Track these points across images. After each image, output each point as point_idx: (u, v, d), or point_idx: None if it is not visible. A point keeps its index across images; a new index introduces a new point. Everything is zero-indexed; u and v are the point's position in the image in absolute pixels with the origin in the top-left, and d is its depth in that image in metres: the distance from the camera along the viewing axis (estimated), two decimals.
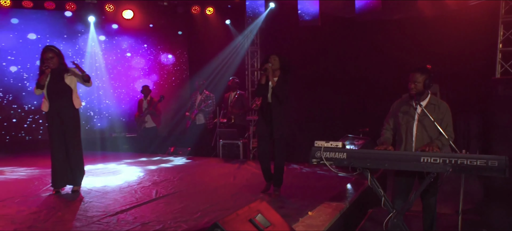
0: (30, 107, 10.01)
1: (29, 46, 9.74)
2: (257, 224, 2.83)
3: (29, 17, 9.65)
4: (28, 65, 9.84)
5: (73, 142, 5.12)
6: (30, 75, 9.80)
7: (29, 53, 9.69)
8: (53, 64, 4.94)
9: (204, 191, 5.36)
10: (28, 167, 7.18)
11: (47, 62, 4.90)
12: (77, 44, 10.26)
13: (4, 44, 9.54)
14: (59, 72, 4.99)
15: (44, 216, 4.16)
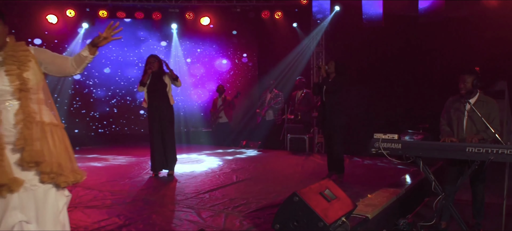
0: (123, 103, 11.49)
1: (119, 50, 11.20)
2: (326, 196, 3.58)
3: (120, 25, 11.02)
4: (119, 71, 11.34)
5: (169, 133, 6.14)
6: (122, 76, 11.28)
7: (123, 56, 11.19)
8: (154, 68, 5.98)
9: (276, 177, 6.18)
10: (126, 155, 8.44)
11: (149, 65, 5.96)
12: (161, 48, 11.55)
13: (106, 50, 11.08)
14: (158, 75, 6.03)
15: (152, 191, 5.21)
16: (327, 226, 3.29)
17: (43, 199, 2.39)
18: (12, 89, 2.34)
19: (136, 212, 4.24)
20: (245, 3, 10.69)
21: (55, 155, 2.40)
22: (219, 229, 3.67)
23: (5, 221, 2.31)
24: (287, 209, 3.44)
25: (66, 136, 2.54)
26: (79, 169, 2.56)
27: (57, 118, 2.56)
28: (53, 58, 2.57)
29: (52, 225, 2.42)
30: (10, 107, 2.35)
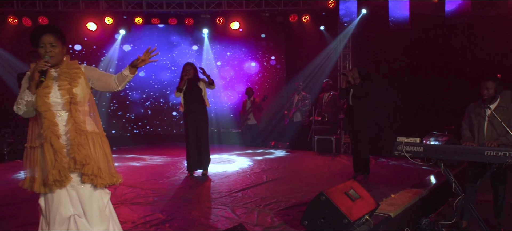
0: (157, 105, 12.04)
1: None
2: (350, 195, 3.89)
3: (154, 31, 11.65)
4: (153, 75, 11.90)
5: (203, 136, 6.56)
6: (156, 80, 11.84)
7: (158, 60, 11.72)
8: (190, 75, 6.40)
9: (304, 177, 6.50)
10: (161, 155, 8.93)
11: (186, 72, 6.39)
12: (192, 52, 12.03)
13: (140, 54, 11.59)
14: (194, 81, 6.45)
15: (189, 190, 5.63)
16: (351, 223, 3.61)
17: (89, 196, 2.79)
18: (63, 102, 2.75)
19: (176, 208, 4.66)
20: (274, 8, 10.98)
21: (95, 159, 2.79)
22: (253, 225, 4.03)
23: (60, 213, 2.72)
24: (314, 207, 3.77)
25: (106, 143, 2.92)
26: (116, 172, 2.94)
27: (99, 127, 2.95)
28: (100, 75, 2.97)
29: (99, 219, 2.81)
30: (61, 117, 2.76)
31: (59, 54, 2.78)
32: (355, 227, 3.76)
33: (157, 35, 11.76)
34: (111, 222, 2.91)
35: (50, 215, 2.72)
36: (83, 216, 2.77)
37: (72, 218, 2.74)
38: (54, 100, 2.72)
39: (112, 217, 2.94)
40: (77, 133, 2.71)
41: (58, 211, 2.70)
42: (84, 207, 2.77)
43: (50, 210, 2.72)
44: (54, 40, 2.74)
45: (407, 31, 9.52)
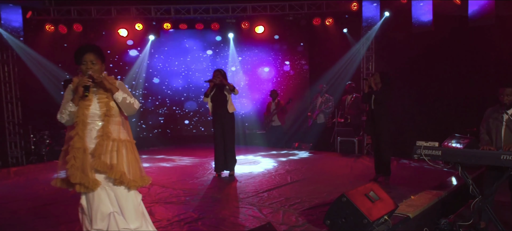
0: (183, 110, 12.50)
1: (186, 59, 12.26)
2: (370, 197, 4.15)
3: (183, 35, 12.10)
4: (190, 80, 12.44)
5: (230, 138, 6.90)
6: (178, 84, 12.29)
7: (186, 64, 12.24)
8: (217, 81, 6.75)
9: (327, 178, 6.76)
10: (189, 156, 9.33)
11: (214, 78, 6.74)
12: (219, 56, 12.42)
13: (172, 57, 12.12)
14: (221, 87, 6.79)
15: (218, 190, 5.98)
16: (370, 223, 3.87)
17: (125, 196, 3.15)
18: (100, 113, 3.13)
19: (207, 208, 5.01)
20: (297, 11, 11.22)
21: (126, 164, 3.14)
22: (278, 223, 4.33)
23: (101, 211, 3.08)
24: (336, 208, 4.05)
25: (136, 149, 3.28)
26: (146, 175, 3.29)
27: (130, 135, 3.30)
28: (126, 92, 3.28)
29: (134, 216, 3.18)
30: (96, 126, 3.12)
31: (98, 71, 3.15)
32: (375, 227, 4.01)
33: (186, 40, 12.24)
34: (143, 220, 3.27)
35: (92, 213, 3.08)
36: (120, 213, 3.13)
37: (111, 214, 3.09)
38: (93, 111, 3.10)
39: (144, 215, 3.31)
40: (102, 141, 3.05)
41: (99, 209, 3.06)
42: (121, 206, 3.13)
43: (92, 208, 3.08)
44: (94, 58, 3.12)
45: (430, 33, 9.60)
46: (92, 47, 3.18)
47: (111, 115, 3.13)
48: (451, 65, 9.73)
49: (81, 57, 3.11)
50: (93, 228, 3.06)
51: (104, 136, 3.07)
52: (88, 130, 3.09)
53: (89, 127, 3.10)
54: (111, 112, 3.13)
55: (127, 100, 3.16)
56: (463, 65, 9.58)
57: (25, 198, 5.95)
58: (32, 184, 6.97)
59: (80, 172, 2.99)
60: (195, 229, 4.24)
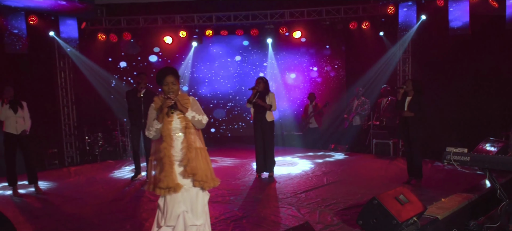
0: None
1: (214, 64, 12.86)
2: (400, 200, 4.52)
3: (223, 41, 12.71)
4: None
5: (269, 142, 7.39)
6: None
7: (215, 70, 12.86)
8: (260, 88, 7.24)
9: (362, 180, 7.12)
10: (230, 157, 9.89)
11: (257, 86, 7.23)
12: (258, 60, 12.95)
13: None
14: (263, 94, 7.27)
15: (259, 190, 6.50)
16: (399, 224, 4.25)
17: (196, 196, 3.68)
18: (181, 127, 3.68)
19: (249, 207, 5.52)
20: (334, 16, 11.51)
21: (203, 168, 3.67)
22: (315, 223, 4.78)
23: (175, 210, 3.61)
24: (368, 209, 4.45)
25: (208, 155, 3.80)
26: (216, 177, 3.81)
27: (202, 143, 3.82)
28: (195, 108, 3.80)
29: (201, 214, 3.71)
30: (179, 138, 3.67)
31: (177, 90, 3.71)
32: (404, 227, 4.39)
33: (227, 44, 12.86)
34: (206, 218, 3.80)
35: (167, 211, 3.61)
36: (190, 211, 3.66)
37: (182, 213, 3.63)
38: (174, 126, 3.66)
39: (206, 213, 3.83)
40: (189, 150, 3.60)
41: (173, 209, 3.60)
42: (192, 205, 3.67)
43: (168, 207, 3.62)
44: (173, 80, 3.67)
45: (467, 36, 9.68)
46: (172, 70, 3.73)
47: (190, 127, 3.68)
48: (488, 68, 9.76)
49: (163, 79, 3.66)
50: (166, 225, 3.61)
51: (188, 146, 3.62)
52: (172, 142, 3.66)
53: (173, 138, 3.68)
54: (189, 126, 3.68)
55: (196, 118, 3.69)
56: (501, 67, 9.61)
57: (87, 195, 6.69)
58: (91, 182, 7.74)
59: (169, 176, 3.55)
60: (240, 227, 4.76)
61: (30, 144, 7.20)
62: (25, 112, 7.02)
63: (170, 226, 3.59)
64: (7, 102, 6.81)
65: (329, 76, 12.88)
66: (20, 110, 6.93)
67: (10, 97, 6.85)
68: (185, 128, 3.68)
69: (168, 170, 3.56)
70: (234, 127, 13.33)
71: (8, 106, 6.80)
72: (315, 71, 12.98)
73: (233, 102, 13.26)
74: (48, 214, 5.72)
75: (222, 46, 13.07)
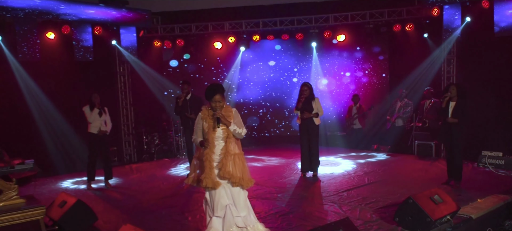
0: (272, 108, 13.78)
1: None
2: (434, 199, 4.94)
3: (270, 46, 13.34)
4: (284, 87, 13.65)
5: (314, 143, 7.91)
6: None
7: (273, 71, 13.47)
8: (306, 94, 7.76)
9: (402, 180, 7.49)
10: (276, 157, 10.49)
11: (302, 93, 7.76)
12: (303, 63, 13.44)
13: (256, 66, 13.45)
14: (309, 100, 7.79)
15: (304, 189, 7.06)
16: (432, 221, 4.68)
17: (238, 193, 4.40)
18: (223, 136, 4.38)
19: (296, 203, 6.09)
20: (378, 19, 11.76)
21: (240, 171, 4.36)
22: (355, 219, 5.28)
23: (221, 203, 4.35)
24: (404, 208, 4.90)
25: (245, 159, 4.49)
26: (251, 178, 4.49)
27: (240, 148, 4.51)
28: (237, 122, 4.47)
29: (243, 207, 4.43)
30: (219, 145, 4.38)
31: (222, 106, 4.39)
32: (437, 225, 4.81)
33: (273, 49, 13.47)
34: (249, 210, 4.53)
35: (214, 204, 4.37)
36: (233, 205, 4.38)
37: (228, 206, 4.36)
38: (217, 135, 4.38)
39: (249, 207, 4.56)
40: (225, 157, 4.31)
41: (219, 202, 4.35)
42: (235, 199, 4.39)
43: (214, 201, 4.37)
44: (220, 97, 4.36)
45: None
46: (219, 89, 4.40)
47: (230, 137, 4.39)
48: None
49: (211, 97, 4.36)
50: (214, 215, 4.37)
51: (226, 153, 4.33)
52: (214, 148, 4.37)
53: (215, 145, 4.38)
54: (230, 136, 4.39)
55: (237, 131, 4.40)
56: None
57: (150, 190, 7.51)
58: (152, 179, 8.58)
59: (209, 177, 4.29)
60: (287, 221, 5.33)
61: (109, 145, 8.23)
62: (107, 117, 7.96)
63: (218, 216, 4.35)
64: (98, 107, 7.73)
65: (372, 78, 13.12)
66: (104, 114, 7.86)
67: (98, 103, 7.77)
68: (226, 137, 4.39)
69: (208, 172, 4.31)
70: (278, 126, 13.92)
71: (97, 111, 7.72)
72: (358, 73, 13.26)
73: (268, 108, 13.88)
74: (120, 206, 6.55)
75: (260, 51, 13.64)
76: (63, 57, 10.52)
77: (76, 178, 8.98)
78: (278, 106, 13.82)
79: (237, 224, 4.36)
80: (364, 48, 13.02)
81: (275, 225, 5.20)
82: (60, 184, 8.59)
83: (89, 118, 7.73)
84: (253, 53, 13.57)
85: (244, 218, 4.42)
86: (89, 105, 7.76)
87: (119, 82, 12.20)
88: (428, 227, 4.70)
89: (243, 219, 4.40)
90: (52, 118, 10.17)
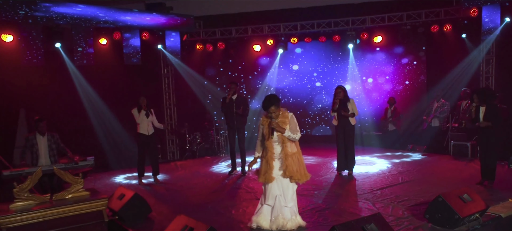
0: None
1: (307, 69, 13.87)
2: (463, 198, 5.22)
3: (307, 48, 13.73)
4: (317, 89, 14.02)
5: (350, 143, 8.25)
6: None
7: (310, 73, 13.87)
8: (340, 96, 8.13)
9: (435, 180, 7.72)
10: (312, 155, 10.88)
11: (337, 95, 8.14)
12: (339, 64, 13.76)
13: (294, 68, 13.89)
14: (344, 102, 8.15)
15: (339, 187, 7.45)
16: (461, 219, 4.99)
17: (287, 186, 5.08)
18: (279, 141, 5.00)
19: (331, 200, 6.51)
20: (415, 20, 11.84)
21: (297, 169, 5.01)
22: (387, 215, 5.63)
23: (272, 193, 5.02)
24: (434, 205, 5.23)
25: (302, 157, 5.16)
26: (307, 173, 5.14)
27: (298, 148, 5.10)
28: (292, 126, 5.04)
29: (290, 199, 5.10)
30: (277, 148, 5.00)
31: (277, 115, 5.02)
32: (465, 222, 5.10)
33: (311, 51, 13.84)
34: (294, 202, 5.17)
35: (266, 194, 5.08)
36: (283, 196, 5.06)
37: (277, 196, 5.03)
38: (274, 139, 4.96)
39: (294, 199, 5.20)
40: (286, 158, 4.95)
41: (271, 192, 5.04)
42: (284, 191, 5.06)
43: (267, 191, 5.09)
44: (275, 108, 4.99)
45: None
46: (274, 100, 5.03)
47: (286, 141, 5.02)
48: None
49: (267, 108, 5.02)
50: (265, 203, 5.11)
51: (285, 155, 5.01)
52: (273, 150, 5.05)
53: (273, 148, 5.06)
54: (285, 140, 5.02)
55: (291, 136, 4.99)
56: None
57: (195, 186, 8.12)
58: (196, 175, 9.21)
59: (265, 174, 5.04)
60: (323, 217, 5.76)
61: (156, 143, 8.93)
62: (153, 118, 8.63)
63: (269, 204, 5.07)
64: (145, 109, 8.43)
65: (409, 79, 13.22)
66: (150, 115, 8.54)
67: (145, 105, 8.46)
68: (282, 142, 5.03)
69: (268, 171, 5.02)
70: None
71: (144, 112, 8.41)
72: (395, 74, 13.40)
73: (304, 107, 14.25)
74: (169, 199, 7.18)
75: (305, 53, 14.05)
76: (114, 61, 11.33)
77: (127, 174, 9.73)
78: (312, 107, 14.23)
79: (284, 214, 5.03)
80: (401, 49, 13.14)
81: (312, 219, 5.63)
82: (113, 178, 9.39)
83: (137, 119, 8.42)
84: (292, 54, 13.99)
85: (291, 208, 5.10)
86: (137, 108, 8.44)
87: (163, 83, 12.92)
88: (456, 224, 5.01)
89: (290, 209, 5.08)
90: (105, 118, 11.05)
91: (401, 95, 13.12)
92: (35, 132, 7.30)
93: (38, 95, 10.13)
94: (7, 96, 9.69)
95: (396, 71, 13.40)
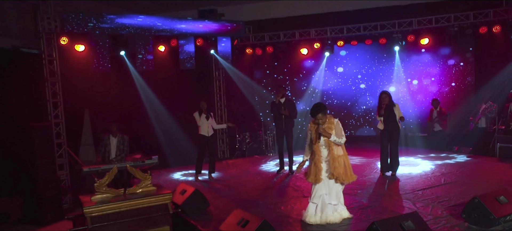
0: None
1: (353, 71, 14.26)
2: (499, 200, 5.54)
3: (353, 50, 14.08)
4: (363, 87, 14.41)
5: (395, 146, 8.62)
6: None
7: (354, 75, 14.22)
8: (386, 101, 8.48)
9: (477, 182, 7.91)
10: (357, 156, 11.27)
11: (383, 100, 8.52)
12: (385, 66, 13.98)
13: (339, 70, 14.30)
14: (390, 107, 8.48)
15: (381, 187, 7.89)
16: (496, 219, 5.33)
17: (333, 185, 5.64)
18: (325, 145, 5.53)
19: (374, 199, 6.98)
20: (463, 22, 11.77)
21: (344, 171, 5.56)
22: (426, 214, 6.03)
23: (319, 192, 5.60)
24: (470, 206, 5.59)
25: (348, 159, 5.77)
26: (353, 174, 5.72)
27: (344, 150, 5.69)
28: (337, 131, 5.59)
29: (335, 197, 5.67)
30: (324, 151, 5.57)
31: (324, 121, 5.57)
32: (501, 222, 5.43)
33: (356, 53, 14.18)
34: (340, 201, 5.77)
35: (314, 193, 5.66)
36: (328, 194, 5.62)
37: (323, 195, 5.60)
38: (321, 144, 5.54)
39: (340, 198, 5.79)
40: (333, 161, 5.52)
41: (318, 191, 5.63)
42: (330, 190, 5.62)
43: (314, 190, 5.66)
44: (321, 115, 5.55)
45: None
46: (320, 109, 5.59)
47: (332, 145, 5.58)
48: None
49: (315, 115, 5.59)
50: (312, 201, 5.70)
51: (332, 158, 5.57)
52: (320, 153, 5.62)
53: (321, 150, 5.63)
54: (331, 144, 5.58)
55: (336, 141, 5.56)
56: None
57: (246, 183, 8.83)
58: (246, 174, 9.91)
59: (313, 175, 5.62)
60: (365, 214, 6.25)
61: (214, 144, 9.65)
62: (212, 120, 9.44)
63: (314, 202, 5.66)
64: (205, 112, 9.21)
65: (457, 81, 13.21)
66: (210, 118, 9.33)
67: (205, 109, 9.24)
68: (328, 145, 5.59)
69: (317, 173, 5.59)
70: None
71: (204, 115, 9.20)
72: (441, 75, 13.44)
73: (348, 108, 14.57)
74: (224, 195, 7.93)
75: (342, 55, 14.42)
76: (170, 66, 12.22)
77: (184, 171, 10.60)
78: (356, 109, 14.55)
79: (326, 211, 5.60)
80: (448, 50, 13.18)
81: (355, 216, 6.12)
82: (172, 175, 10.28)
83: (198, 122, 9.22)
84: (337, 57, 14.38)
85: (334, 206, 5.66)
86: (198, 111, 9.23)
87: (214, 86, 13.75)
88: (492, 224, 5.36)
89: (333, 207, 5.65)
90: (164, 119, 12.03)
91: (447, 97, 13.16)
92: (109, 133, 8.28)
93: (102, 99, 11.33)
94: (76, 99, 10.92)
95: (442, 73, 13.44)
